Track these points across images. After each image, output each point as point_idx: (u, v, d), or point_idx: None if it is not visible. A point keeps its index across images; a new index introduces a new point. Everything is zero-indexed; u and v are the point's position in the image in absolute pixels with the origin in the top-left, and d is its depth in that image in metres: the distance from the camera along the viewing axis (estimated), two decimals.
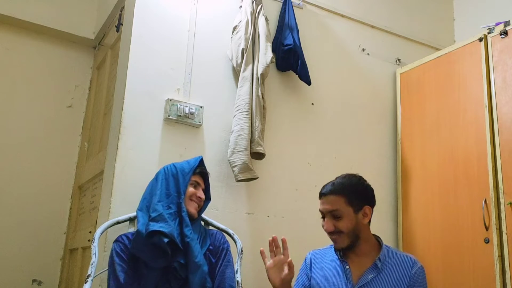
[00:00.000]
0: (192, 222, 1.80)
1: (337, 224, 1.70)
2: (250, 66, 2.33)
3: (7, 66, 2.94)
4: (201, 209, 1.90)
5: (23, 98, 2.94)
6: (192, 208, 1.83)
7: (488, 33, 2.47)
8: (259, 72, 2.33)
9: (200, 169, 1.92)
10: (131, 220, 1.91)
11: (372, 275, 1.69)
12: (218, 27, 2.42)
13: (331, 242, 1.79)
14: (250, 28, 2.37)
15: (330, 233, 1.73)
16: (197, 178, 1.90)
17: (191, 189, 1.85)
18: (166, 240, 1.67)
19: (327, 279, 1.76)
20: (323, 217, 1.76)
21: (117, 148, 2.05)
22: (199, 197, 1.87)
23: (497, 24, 2.47)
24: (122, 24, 2.51)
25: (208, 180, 1.96)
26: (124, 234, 1.79)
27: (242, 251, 1.95)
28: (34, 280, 2.76)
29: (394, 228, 2.73)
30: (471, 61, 2.51)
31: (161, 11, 2.29)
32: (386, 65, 2.97)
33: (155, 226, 1.68)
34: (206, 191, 1.94)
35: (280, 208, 2.40)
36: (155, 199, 1.78)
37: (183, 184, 1.83)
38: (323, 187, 1.77)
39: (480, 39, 2.48)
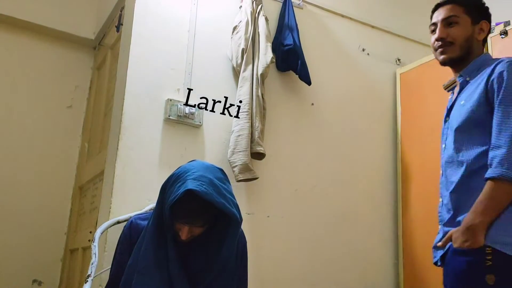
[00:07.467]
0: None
1: (450, 32, 1.58)
2: (250, 66, 2.33)
3: (7, 66, 2.93)
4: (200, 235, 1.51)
5: (23, 98, 2.94)
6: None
7: (488, 33, 2.46)
8: (259, 72, 2.33)
9: (183, 214, 1.42)
10: None
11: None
12: (218, 27, 2.43)
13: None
14: (250, 28, 2.38)
15: (441, 40, 1.58)
16: (180, 225, 1.46)
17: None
18: None
19: None
20: (434, 30, 1.61)
21: (117, 149, 2.05)
22: (182, 239, 1.47)
23: (497, 24, 2.47)
24: (122, 24, 2.51)
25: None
26: (139, 218, 1.66)
27: None
28: (34, 281, 2.76)
29: (394, 228, 2.73)
30: None
31: (161, 11, 2.29)
32: (386, 65, 2.97)
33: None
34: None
35: (280, 208, 2.40)
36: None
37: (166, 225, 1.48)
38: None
39: None
